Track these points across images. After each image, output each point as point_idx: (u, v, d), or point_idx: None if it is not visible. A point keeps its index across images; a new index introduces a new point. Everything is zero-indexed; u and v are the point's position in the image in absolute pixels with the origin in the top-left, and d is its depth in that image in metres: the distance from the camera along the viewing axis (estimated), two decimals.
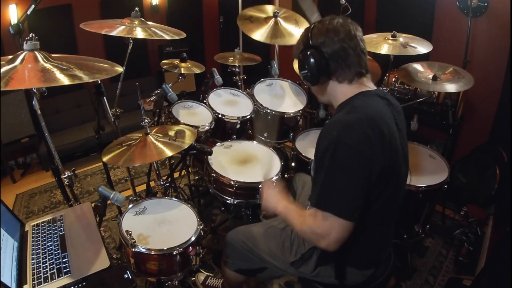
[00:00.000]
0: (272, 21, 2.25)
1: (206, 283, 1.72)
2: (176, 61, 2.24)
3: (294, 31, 2.24)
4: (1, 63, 1.10)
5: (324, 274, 1.16)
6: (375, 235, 1.08)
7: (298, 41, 1.10)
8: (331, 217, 0.92)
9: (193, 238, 1.32)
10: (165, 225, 1.39)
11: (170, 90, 1.81)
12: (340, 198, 0.92)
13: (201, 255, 1.40)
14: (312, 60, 1.01)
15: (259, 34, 2.17)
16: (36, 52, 1.15)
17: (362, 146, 0.90)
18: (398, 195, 1.06)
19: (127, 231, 1.23)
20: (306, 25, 2.33)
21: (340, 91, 1.06)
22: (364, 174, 0.91)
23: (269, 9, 2.35)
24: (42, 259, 1.15)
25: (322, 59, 1.00)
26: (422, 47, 1.92)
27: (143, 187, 2.70)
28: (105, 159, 1.37)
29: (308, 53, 1.01)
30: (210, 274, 1.78)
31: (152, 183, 2.17)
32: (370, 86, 1.06)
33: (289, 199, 1.19)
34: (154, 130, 1.55)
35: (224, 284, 1.64)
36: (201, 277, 1.76)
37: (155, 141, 1.44)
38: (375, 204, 0.99)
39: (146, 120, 1.48)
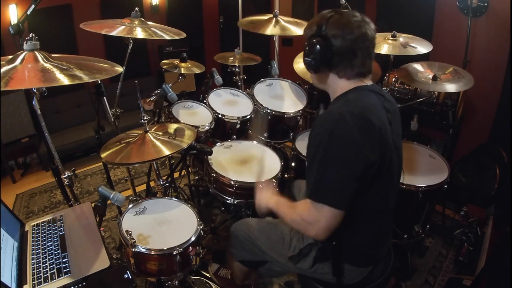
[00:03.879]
0: (273, 20, 2.27)
1: (218, 274, 1.77)
2: (176, 61, 2.24)
3: (295, 28, 2.26)
4: (1, 63, 1.10)
5: (322, 271, 1.17)
6: (369, 229, 1.09)
7: (312, 21, 1.08)
8: (323, 207, 0.94)
9: (193, 238, 1.32)
10: (165, 225, 1.39)
11: (170, 90, 1.81)
12: (333, 189, 0.94)
13: (201, 255, 1.40)
14: (319, 49, 1.00)
15: (267, 30, 2.22)
16: (36, 52, 1.15)
17: (354, 137, 0.92)
18: (390, 189, 1.08)
19: (127, 231, 1.23)
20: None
21: (338, 85, 1.08)
22: (355, 164, 0.93)
23: (268, 14, 2.37)
24: (42, 259, 1.15)
25: (328, 52, 1.00)
26: (422, 47, 1.93)
27: (143, 187, 2.70)
28: (103, 155, 1.37)
29: (317, 41, 1.00)
30: (222, 266, 1.82)
31: (152, 183, 2.17)
32: (367, 82, 1.07)
33: (280, 195, 1.22)
34: (154, 128, 1.55)
35: (232, 274, 1.69)
36: (213, 267, 1.80)
37: (153, 139, 1.44)
38: (366, 196, 1.00)
39: (145, 118, 1.48)
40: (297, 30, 2.24)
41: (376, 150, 0.94)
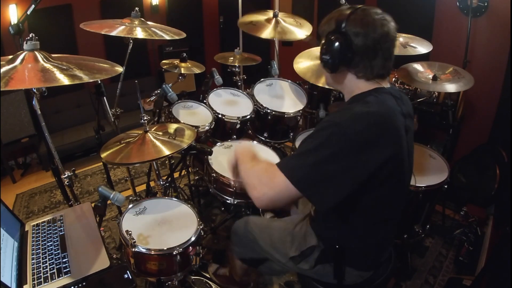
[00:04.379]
0: (273, 21, 2.27)
1: (217, 273, 1.77)
2: (176, 61, 2.24)
3: (295, 29, 2.26)
4: (1, 63, 1.10)
5: (322, 273, 1.16)
6: (374, 235, 1.08)
7: (329, 17, 1.00)
8: (282, 176, 0.89)
9: (193, 238, 1.32)
10: (165, 225, 1.39)
11: (170, 90, 1.81)
12: (302, 167, 0.88)
13: (201, 255, 1.40)
14: (338, 47, 0.93)
15: (266, 33, 2.21)
16: (36, 52, 1.15)
17: (361, 139, 0.86)
18: (399, 198, 1.05)
19: (127, 231, 1.23)
20: (307, 24, 2.34)
21: (355, 85, 1.01)
22: (351, 167, 0.86)
23: (268, 12, 2.37)
24: (42, 259, 1.15)
25: (349, 50, 0.93)
26: (422, 47, 1.93)
27: (143, 187, 2.70)
28: (103, 155, 1.37)
29: (337, 37, 0.93)
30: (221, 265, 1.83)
31: (152, 183, 2.17)
32: (386, 85, 1.02)
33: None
34: (154, 128, 1.55)
35: (230, 271, 1.68)
36: (213, 268, 1.80)
37: (153, 139, 1.44)
38: (371, 203, 0.98)
39: (145, 118, 1.48)
40: (297, 31, 2.24)
41: (384, 158, 0.89)
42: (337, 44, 0.93)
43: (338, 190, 0.89)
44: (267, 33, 2.21)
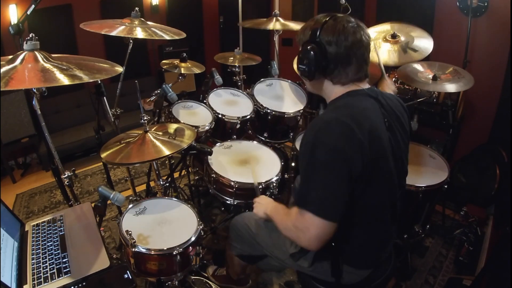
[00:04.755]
0: (273, 19, 2.30)
1: (215, 274, 1.78)
2: (176, 61, 2.24)
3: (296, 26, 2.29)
4: (1, 63, 1.10)
5: (320, 270, 1.17)
6: (370, 235, 1.09)
7: (305, 26, 1.05)
8: (309, 214, 0.93)
9: (193, 238, 1.32)
10: (165, 225, 1.39)
11: (170, 90, 1.81)
12: (319, 197, 0.93)
13: (201, 255, 1.40)
14: (313, 56, 0.98)
15: (270, 25, 2.28)
16: (36, 52, 1.15)
17: (339, 144, 0.90)
18: (389, 195, 1.06)
19: (127, 231, 1.23)
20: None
21: (332, 91, 1.06)
22: (342, 172, 0.91)
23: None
24: (42, 259, 1.15)
25: (323, 58, 0.98)
26: (424, 45, 1.93)
27: (143, 187, 2.70)
28: (103, 155, 1.37)
29: (312, 47, 0.98)
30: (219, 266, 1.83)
31: (152, 183, 2.17)
32: (364, 86, 1.05)
33: (278, 202, 1.23)
34: (154, 128, 1.55)
35: (228, 269, 1.69)
36: (210, 270, 1.81)
37: (153, 139, 1.44)
38: (361, 203, 0.99)
39: (145, 118, 1.48)
40: (297, 26, 2.25)
41: (366, 157, 0.92)
42: (312, 53, 0.98)
43: (343, 196, 0.93)
44: (269, 26, 2.30)
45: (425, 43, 1.97)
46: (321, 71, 1.01)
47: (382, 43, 1.97)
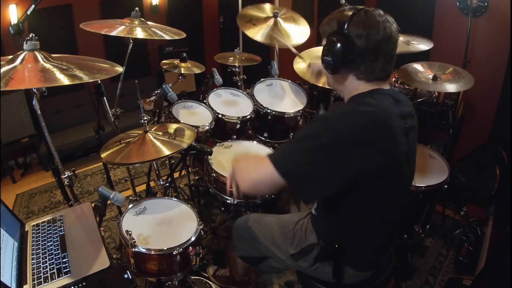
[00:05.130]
0: (271, 21, 2.26)
1: (216, 274, 1.77)
2: (176, 61, 2.24)
3: (293, 32, 2.25)
4: (1, 63, 1.10)
5: (321, 271, 1.16)
6: (373, 237, 1.08)
7: (331, 17, 1.00)
8: (268, 161, 0.90)
9: (193, 238, 1.32)
10: (165, 225, 1.39)
11: (170, 90, 1.81)
12: (288, 157, 0.90)
13: (201, 255, 1.40)
14: (341, 48, 0.92)
15: (259, 35, 2.18)
16: (36, 52, 1.15)
17: (352, 137, 0.86)
18: (398, 200, 1.05)
19: (127, 231, 1.24)
20: (306, 28, 2.34)
21: (355, 86, 1.01)
22: (337, 163, 0.87)
23: (269, 8, 2.36)
24: (42, 259, 1.15)
25: (351, 52, 0.93)
26: (424, 45, 1.93)
27: (143, 187, 2.70)
28: (103, 155, 1.37)
29: (339, 39, 0.92)
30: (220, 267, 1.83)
31: (152, 183, 2.17)
32: (386, 86, 1.02)
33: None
34: (154, 128, 1.55)
35: (231, 271, 1.69)
36: (211, 270, 1.80)
37: (153, 139, 1.44)
38: (368, 203, 0.98)
39: (145, 118, 1.48)
40: (293, 36, 2.22)
41: (377, 161, 0.88)
42: (339, 45, 0.92)
43: (321, 184, 0.89)
44: (263, 36, 2.19)
45: (425, 42, 1.97)
46: (348, 65, 0.96)
47: None
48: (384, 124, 0.90)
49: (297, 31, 2.27)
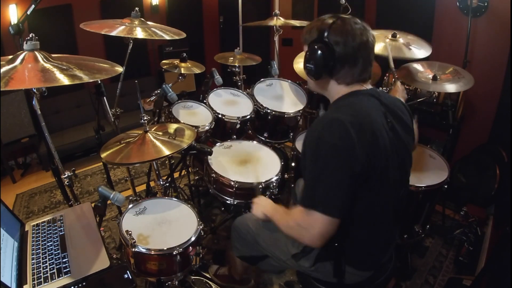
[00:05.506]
0: (274, 19, 2.30)
1: (217, 273, 1.78)
2: (176, 61, 2.24)
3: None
4: (1, 63, 1.10)
5: (322, 270, 1.16)
6: (373, 236, 1.08)
7: (311, 26, 1.05)
8: (315, 213, 0.94)
9: (193, 238, 1.32)
10: (165, 225, 1.39)
11: (170, 90, 1.81)
12: (323, 194, 0.94)
13: (201, 255, 1.40)
14: (321, 55, 0.99)
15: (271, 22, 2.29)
16: (36, 52, 1.15)
17: (343, 143, 0.91)
18: (392, 195, 1.06)
19: (127, 231, 1.23)
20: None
21: (336, 91, 1.08)
22: (345, 170, 0.92)
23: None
24: (42, 259, 1.15)
25: (331, 58, 0.99)
26: (422, 50, 1.93)
27: (143, 187, 2.70)
28: (103, 155, 1.37)
29: (320, 47, 0.99)
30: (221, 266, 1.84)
31: (152, 183, 2.17)
32: (367, 86, 1.06)
33: (276, 204, 1.24)
34: (154, 128, 1.55)
35: (230, 269, 1.69)
36: (212, 269, 1.81)
37: (153, 139, 1.44)
38: (365, 203, 0.99)
39: (145, 118, 1.48)
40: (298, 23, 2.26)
41: (365, 157, 0.93)
42: (320, 52, 0.99)
43: (346, 193, 0.94)
44: (270, 22, 2.31)
45: (424, 47, 1.97)
46: (328, 70, 1.02)
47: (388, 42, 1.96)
48: (357, 128, 0.93)
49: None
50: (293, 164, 2.05)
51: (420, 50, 1.92)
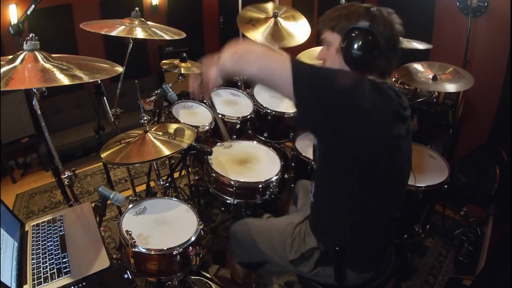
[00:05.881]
0: (272, 21, 2.26)
1: (218, 274, 1.77)
2: (176, 61, 2.24)
3: (294, 31, 2.25)
4: (1, 63, 1.10)
5: (322, 275, 1.16)
6: (373, 236, 1.08)
7: (349, 11, 0.96)
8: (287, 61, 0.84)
9: (193, 238, 1.32)
10: (165, 225, 1.39)
11: (170, 90, 1.81)
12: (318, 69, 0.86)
13: (201, 255, 1.40)
14: (369, 44, 0.90)
15: (259, 35, 2.19)
16: (36, 52, 1.15)
17: (373, 108, 0.84)
18: (395, 196, 1.05)
19: (127, 231, 1.23)
20: (305, 21, 2.34)
21: None
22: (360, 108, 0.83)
23: (269, 8, 2.35)
24: (42, 259, 1.15)
25: (373, 48, 0.91)
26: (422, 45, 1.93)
27: (143, 187, 2.70)
28: (103, 155, 1.37)
29: (367, 35, 0.90)
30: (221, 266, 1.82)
31: (152, 183, 2.17)
32: (389, 81, 1.02)
33: None
34: (154, 128, 1.55)
35: (232, 274, 1.68)
36: (213, 268, 1.80)
37: (153, 139, 1.44)
38: (369, 202, 0.98)
39: (145, 118, 1.48)
40: (295, 34, 2.21)
41: (383, 132, 0.87)
42: (367, 40, 0.90)
43: (316, 110, 0.84)
44: (263, 36, 2.20)
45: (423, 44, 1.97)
46: (370, 60, 0.93)
47: None
48: (392, 107, 0.89)
49: (298, 30, 2.27)
50: (293, 164, 2.05)
51: (420, 45, 1.92)
